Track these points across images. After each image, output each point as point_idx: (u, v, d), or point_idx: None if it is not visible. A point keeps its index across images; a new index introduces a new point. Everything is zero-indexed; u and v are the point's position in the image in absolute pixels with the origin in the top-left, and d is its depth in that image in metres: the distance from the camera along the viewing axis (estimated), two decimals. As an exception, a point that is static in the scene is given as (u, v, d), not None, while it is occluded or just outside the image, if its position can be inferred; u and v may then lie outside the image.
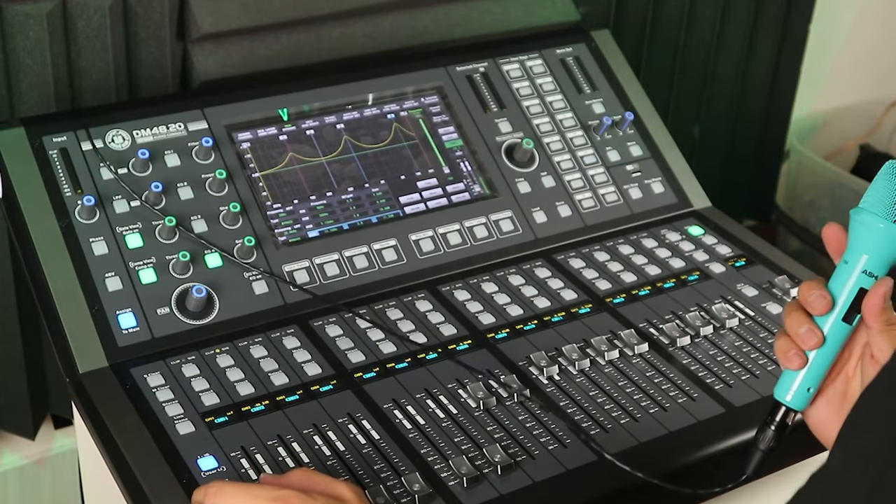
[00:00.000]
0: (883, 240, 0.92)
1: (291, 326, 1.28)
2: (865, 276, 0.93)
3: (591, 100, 1.59)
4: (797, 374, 0.96)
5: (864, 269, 0.93)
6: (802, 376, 0.96)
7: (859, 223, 0.93)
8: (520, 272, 1.39)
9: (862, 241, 0.93)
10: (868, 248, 0.93)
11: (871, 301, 0.92)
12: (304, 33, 1.56)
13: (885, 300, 0.92)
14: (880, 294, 0.92)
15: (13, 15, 1.36)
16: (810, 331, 0.94)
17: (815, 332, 0.94)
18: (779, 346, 0.97)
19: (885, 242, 0.92)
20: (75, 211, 1.28)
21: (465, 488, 1.07)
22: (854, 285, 0.94)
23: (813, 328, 0.94)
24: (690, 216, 1.54)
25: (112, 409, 1.15)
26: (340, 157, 1.43)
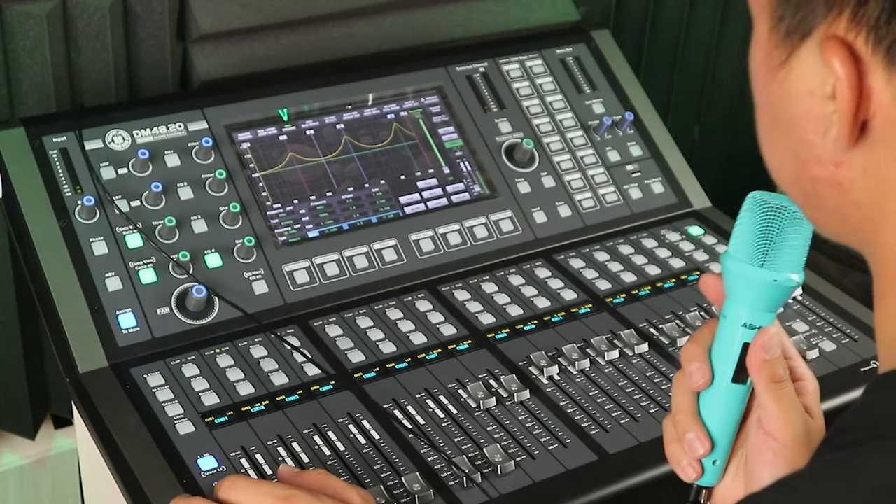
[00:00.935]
0: (756, 288, 0.82)
1: (291, 326, 1.28)
2: (746, 329, 0.83)
3: (591, 100, 1.59)
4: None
5: (745, 323, 0.83)
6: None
7: (728, 272, 0.83)
8: (520, 272, 1.39)
9: (735, 292, 0.83)
10: (743, 299, 0.83)
11: (750, 357, 0.82)
12: (304, 33, 1.56)
13: (768, 352, 0.82)
14: (758, 347, 0.82)
15: (13, 15, 1.36)
16: (697, 439, 0.85)
17: (702, 442, 0.85)
18: (670, 453, 0.87)
19: (758, 290, 0.82)
20: (75, 211, 1.28)
21: (465, 488, 1.07)
22: (737, 343, 0.84)
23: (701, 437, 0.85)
24: (690, 216, 1.54)
25: (112, 409, 1.15)
26: (340, 157, 1.43)
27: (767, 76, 0.67)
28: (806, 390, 0.86)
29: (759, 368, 0.82)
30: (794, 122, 0.66)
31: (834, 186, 0.66)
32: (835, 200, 0.67)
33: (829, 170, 0.65)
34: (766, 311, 0.83)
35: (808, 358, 1.27)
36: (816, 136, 0.65)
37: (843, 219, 0.68)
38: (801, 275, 0.82)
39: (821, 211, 0.69)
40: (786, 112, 0.67)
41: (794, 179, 0.69)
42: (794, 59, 0.65)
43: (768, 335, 0.82)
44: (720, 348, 0.85)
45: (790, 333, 1.30)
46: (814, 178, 0.67)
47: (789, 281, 0.81)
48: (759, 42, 0.68)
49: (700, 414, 0.86)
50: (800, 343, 1.28)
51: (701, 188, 1.58)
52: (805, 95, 0.65)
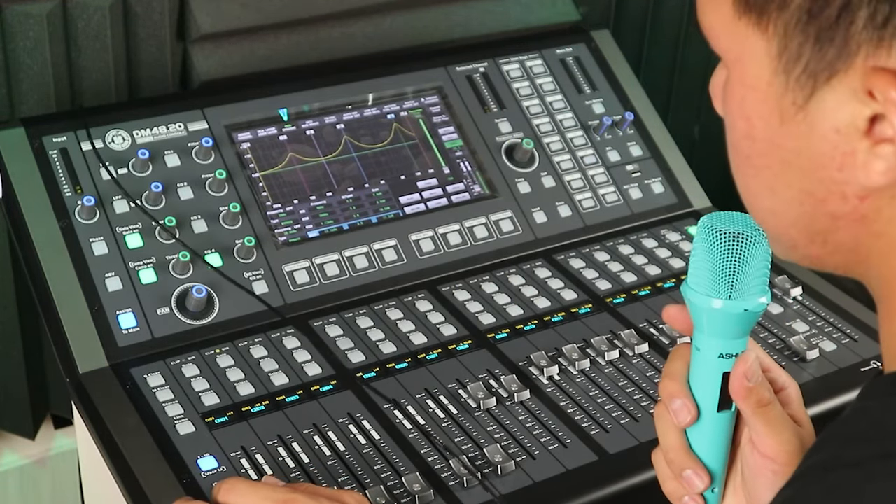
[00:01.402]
0: (726, 320, 0.80)
1: (291, 326, 1.28)
2: (723, 359, 0.81)
3: (591, 100, 1.59)
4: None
5: (720, 353, 0.81)
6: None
7: (694, 307, 0.81)
8: (520, 272, 1.39)
9: (704, 324, 0.81)
10: (714, 332, 0.81)
11: (733, 387, 0.81)
12: (304, 33, 1.56)
13: (750, 379, 0.80)
14: (740, 377, 0.80)
15: (13, 15, 1.36)
16: (695, 475, 0.84)
17: (701, 477, 0.84)
18: (669, 491, 0.86)
19: (729, 322, 0.80)
20: (75, 211, 1.28)
21: (465, 488, 1.07)
22: (716, 374, 0.82)
23: (698, 472, 0.84)
24: (690, 216, 1.54)
25: (112, 410, 1.15)
26: (340, 157, 1.43)
27: (775, 121, 0.66)
28: (790, 399, 0.85)
29: (745, 397, 0.81)
30: (814, 163, 0.65)
31: (856, 220, 0.66)
32: (850, 234, 0.67)
33: (852, 204, 0.65)
34: (739, 338, 0.81)
35: (808, 358, 1.27)
36: (842, 174, 0.64)
37: (852, 250, 0.68)
38: (768, 294, 0.81)
39: (826, 246, 0.69)
40: (803, 154, 0.65)
41: (800, 219, 0.69)
42: (816, 100, 0.64)
43: (748, 363, 0.80)
44: (699, 381, 0.83)
45: (790, 333, 1.30)
46: (832, 214, 0.67)
47: (759, 306, 0.80)
48: (756, 87, 0.66)
49: (691, 447, 0.85)
50: (800, 343, 1.28)
51: (701, 188, 1.58)
52: (831, 134, 0.64)
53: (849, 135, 0.63)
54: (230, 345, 1.24)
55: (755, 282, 0.79)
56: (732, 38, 0.67)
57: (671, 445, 0.85)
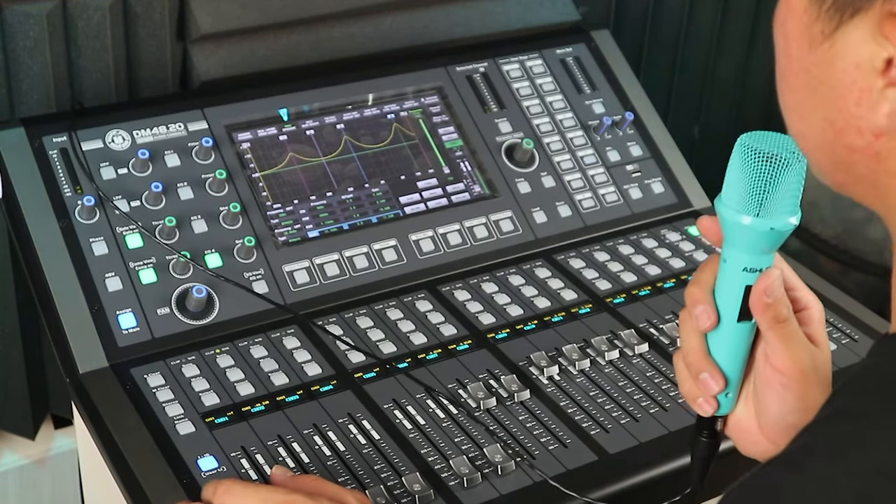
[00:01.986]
0: (753, 236, 0.83)
1: (291, 326, 1.28)
2: (747, 273, 0.85)
3: (591, 100, 1.59)
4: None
5: (745, 267, 0.85)
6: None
7: (724, 220, 0.84)
8: (520, 272, 1.39)
9: (732, 238, 0.84)
10: (741, 246, 0.84)
11: (753, 300, 0.85)
12: (304, 33, 1.56)
13: (770, 296, 0.84)
14: (760, 291, 0.84)
15: (13, 15, 1.36)
16: (711, 378, 0.88)
17: (716, 380, 0.88)
18: (686, 391, 0.91)
19: (756, 238, 0.83)
20: (75, 211, 1.28)
21: (465, 488, 1.07)
22: (739, 285, 0.85)
23: (714, 376, 0.88)
24: (690, 216, 1.54)
25: (112, 409, 1.15)
26: (340, 157, 1.43)
27: (805, 46, 0.69)
28: (811, 319, 0.88)
29: (763, 311, 0.84)
30: (835, 93, 0.68)
31: (870, 156, 0.68)
32: (868, 168, 0.69)
33: (867, 140, 0.68)
34: (766, 254, 0.84)
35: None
36: (859, 109, 0.67)
37: (873, 184, 0.70)
38: (798, 215, 0.83)
39: (849, 176, 0.71)
40: (826, 83, 0.68)
41: (823, 146, 0.71)
42: (841, 33, 0.66)
43: (770, 279, 0.84)
44: (723, 291, 0.87)
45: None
46: (849, 146, 0.69)
47: (786, 226, 0.83)
48: (795, 11, 0.69)
49: (710, 352, 0.89)
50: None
51: (701, 188, 1.58)
52: (850, 68, 0.66)
53: (867, 72, 0.65)
54: (230, 345, 1.24)
55: (785, 202, 0.82)
56: None
57: (691, 348, 0.89)
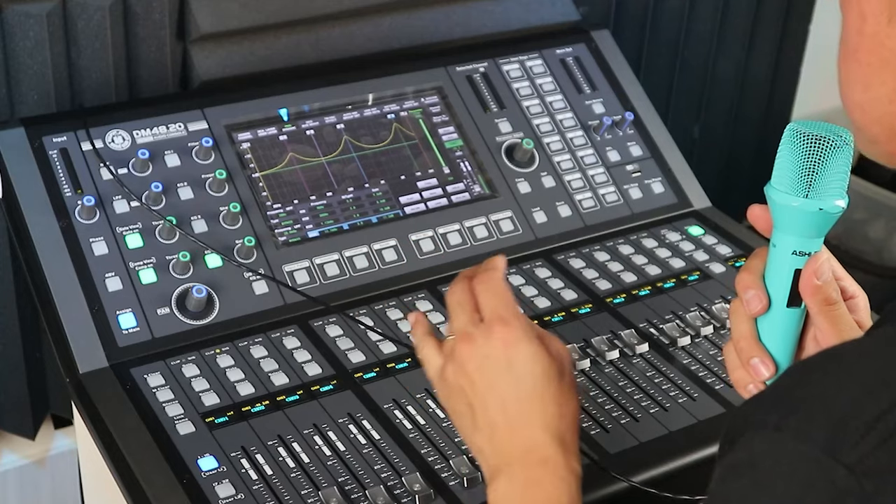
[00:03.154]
0: (802, 218, 0.85)
1: (291, 326, 1.28)
2: (796, 256, 0.87)
3: (591, 100, 1.59)
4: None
5: (794, 251, 0.87)
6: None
7: (774, 204, 0.86)
8: (520, 272, 1.39)
9: (782, 221, 0.87)
10: (790, 229, 0.86)
11: (802, 283, 0.86)
12: (304, 33, 1.56)
13: (819, 278, 0.86)
14: (810, 274, 0.86)
15: (13, 15, 1.36)
16: (761, 363, 0.89)
17: (767, 365, 0.89)
18: (736, 378, 0.91)
19: (804, 220, 0.85)
20: (75, 211, 1.28)
21: (465, 488, 1.07)
22: (788, 269, 0.87)
23: (765, 361, 0.89)
24: (690, 216, 1.54)
25: (112, 409, 1.15)
26: (340, 157, 1.43)
27: (884, 20, 0.71)
28: (858, 307, 0.90)
29: (813, 293, 0.86)
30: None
31: None
32: None
33: None
34: (814, 238, 0.86)
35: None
36: None
37: None
38: (845, 199, 0.85)
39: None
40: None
41: (885, 116, 0.74)
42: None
43: (819, 262, 0.86)
44: (773, 275, 0.88)
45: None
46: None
47: (834, 208, 0.84)
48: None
49: (760, 338, 0.90)
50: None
51: (701, 188, 1.58)
52: None
53: None
54: (230, 345, 1.24)
55: (833, 185, 0.84)
56: None
57: (742, 334, 0.90)
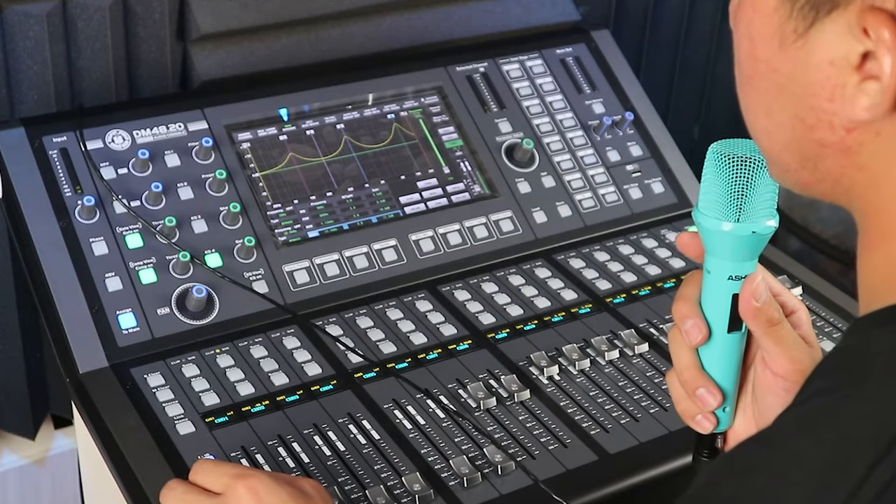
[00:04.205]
0: (735, 242, 0.82)
1: (291, 326, 1.28)
2: (732, 281, 0.83)
3: (591, 100, 1.59)
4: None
5: (730, 276, 0.83)
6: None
7: (704, 230, 0.83)
8: (520, 272, 1.39)
9: (714, 247, 0.83)
10: (723, 254, 0.83)
11: (742, 307, 0.83)
12: (304, 33, 1.56)
13: (758, 300, 0.82)
14: (748, 297, 0.82)
15: (13, 15, 1.36)
16: (708, 393, 0.86)
17: (714, 395, 0.86)
18: (682, 410, 0.88)
19: (738, 244, 0.82)
20: (75, 211, 1.28)
21: (465, 488, 1.07)
22: (726, 295, 0.84)
23: (711, 390, 0.85)
24: (690, 216, 1.54)
25: (112, 409, 1.15)
26: (340, 157, 1.43)
27: (775, 45, 0.69)
28: (800, 321, 0.87)
29: (754, 316, 0.82)
30: (807, 90, 0.68)
31: (841, 150, 0.69)
32: (837, 163, 0.70)
33: (839, 135, 0.68)
34: (749, 260, 0.83)
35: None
36: (832, 104, 0.67)
37: (837, 180, 0.71)
38: (776, 217, 0.82)
39: (815, 173, 0.72)
40: (797, 80, 0.69)
41: (791, 143, 0.72)
42: (815, 30, 0.66)
43: (755, 284, 0.82)
44: (710, 302, 0.85)
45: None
46: (820, 141, 0.69)
47: (767, 228, 0.82)
48: (762, 11, 0.69)
49: (703, 367, 0.87)
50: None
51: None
52: (825, 65, 0.67)
53: (841, 68, 0.66)
54: (230, 345, 1.24)
55: (763, 205, 0.82)
56: None
57: (685, 365, 0.87)
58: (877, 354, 0.64)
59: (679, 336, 0.87)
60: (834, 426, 0.62)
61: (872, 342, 0.65)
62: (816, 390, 0.66)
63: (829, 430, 0.62)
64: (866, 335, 0.66)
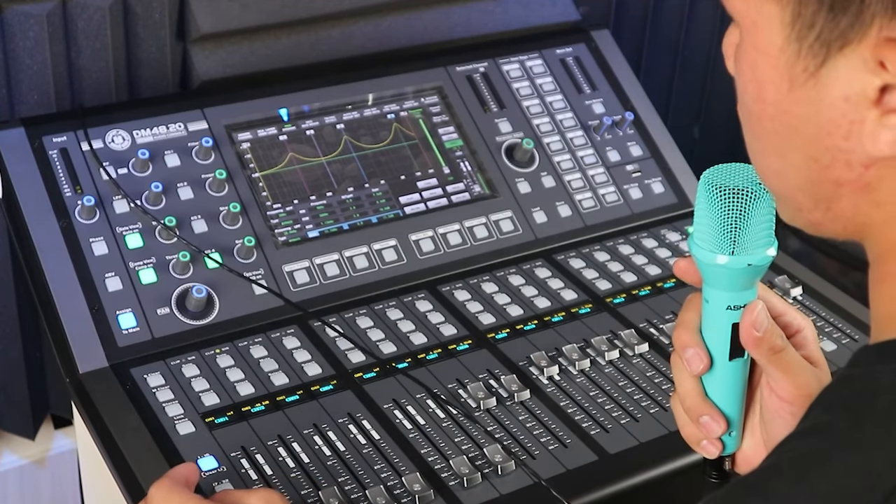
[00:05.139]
0: (730, 274, 0.80)
1: (291, 326, 1.28)
2: (731, 311, 0.81)
3: (591, 100, 1.59)
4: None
5: (728, 306, 0.81)
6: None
7: (699, 261, 0.81)
8: (520, 272, 1.39)
9: (711, 278, 0.81)
10: (720, 285, 0.81)
11: (743, 337, 0.81)
12: (304, 33, 1.56)
13: (759, 329, 0.80)
14: (748, 326, 0.80)
15: (13, 15, 1.36)
16: (712, 420, 0.85)
17: (718, 423, 0.85)
18: (687, 435, 0.87)
19: (734, 276, 0.80)
20: (75, 211, 1.28)
21: (465, 488, 1.07)
22: (725, 324, 0.82)
23: (715, 418, 0.84)
24: (690, 216, 1.53)
25: (112, 409, 1.15)
26: (340, 157, 1.43)
27: (784, 87, 0.66)
28: (806, 341, 0.86)
29: (756, 346, 0.81)
30: (821, 130, 0.66)
31: (860, 188, 0.67)
32: (853, 201, 0.68)
33: (857, 172, 0.66)
34: (747, 290, 0.81)
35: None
36: (848, 142, 0.65)
37: (851, 219, 0.69)
38: (774, 246, 0.80)
39: (828, 213, 0.70)
40: (810, 120, 0.66)
41: (806, 185, 0.69)
42: (827, 68, 0.64)
43: (755, 313, 0.80)
44: (710, 331, 0.83)
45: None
46: (837, 181, 0.67)
47: (764, 259, 0.80)
48: (768, 52, 0.66)
49: (707, 394, 0.85)
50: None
51: (701, 188, 1.58)
52: (839, 103, 0.64)
53: (858, 104, 0.63)
54: (230, 345, 1.24)
55: (759, 235, 0.79)
56: (747, 2, 0.67)
57: (687, 392, 0.86)
58: (879, 393, 0.62)
59: (680, 362, 0.85)
60: (826, 475, 0.60)
61: (877, 377, 0.63)
62: (815, 424, 0.65)
63: (822, 480, 0.60)
64: (871, 368, 0.64)
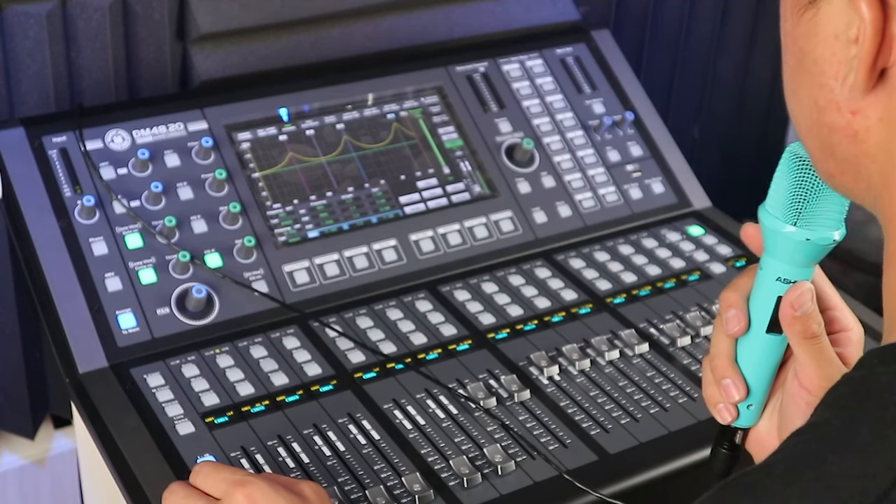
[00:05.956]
0: (789, 245, 0.80)
1: (291, 326, 1.28)
2: (780, 283, 0.82)
3: (591, 100, 1.59)
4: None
5: (778, 277, 0.82)
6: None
7: (763, 226, 0.82)
8: (520, 272, 1.39)
9: (770, 245, 0.82)
10: (777, 254, 0.82)
11: (781, 312, 0.82)
12: (304, 33, 1.56)
13: (798, 309, 0.81)
14: (788, 304, 0.81)
15: (13, 15, 1.36)
16: (733, 385, 0.86)
17: (738, 388, 0.86)
18: (707, 395, 0.88)
19: (792, 248, 0.80)
20: (75, 211, 1.28)
21: (465, 488, 1.07)
22: (771, 295, 0.83)
23: (737, 383, 0.86)
24: (690, 216, 1.54)
25: (112, 410, 1.15)
26: (340, 157, 1.43)
27: (795, 16, 0.67)
28: (849, 340, 0.86)
29: (790, 324, 0.82)
30: (817, 66, 0.66)
31: (849, 135, 0.66)
32: (850, 150, 0.67)
33: (846, 118, 0.65)
34: (802, 267, 0.82)
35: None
36: (836, 82, 0.65)
37: (857, 171, 0.67)
38: (841, 230, 0.80)
39: (836, 162, 0.69)
40: (810, 55, 0.66)
41: (812, 128, 0.69)
42: (823, 1, 0.64)
43: (798, 293, 0.81)
44: (757, 298, 0.84)
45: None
46: (831, 125, 0.67)
47: (825, 239, 0.80)
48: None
49: (737, 360, 0.86)
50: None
51: (701, 188, 1.58)
52: (830, 38, 0.64)
53: (844, 42, 0.63)
54: (230, 345, 1.24)
55: (826, 214, 0.79)
56: None
57: (718, 352, 0.87)
58: (876, 394, 0.62)
59: (720, 322, 0.87)
60: (820, 477, 0.60)
61: (877, 378, 0.63)
62: (813, 424, 0.65)
63: (815, 482, 0.60)
64: (872, 370, 0.64)
